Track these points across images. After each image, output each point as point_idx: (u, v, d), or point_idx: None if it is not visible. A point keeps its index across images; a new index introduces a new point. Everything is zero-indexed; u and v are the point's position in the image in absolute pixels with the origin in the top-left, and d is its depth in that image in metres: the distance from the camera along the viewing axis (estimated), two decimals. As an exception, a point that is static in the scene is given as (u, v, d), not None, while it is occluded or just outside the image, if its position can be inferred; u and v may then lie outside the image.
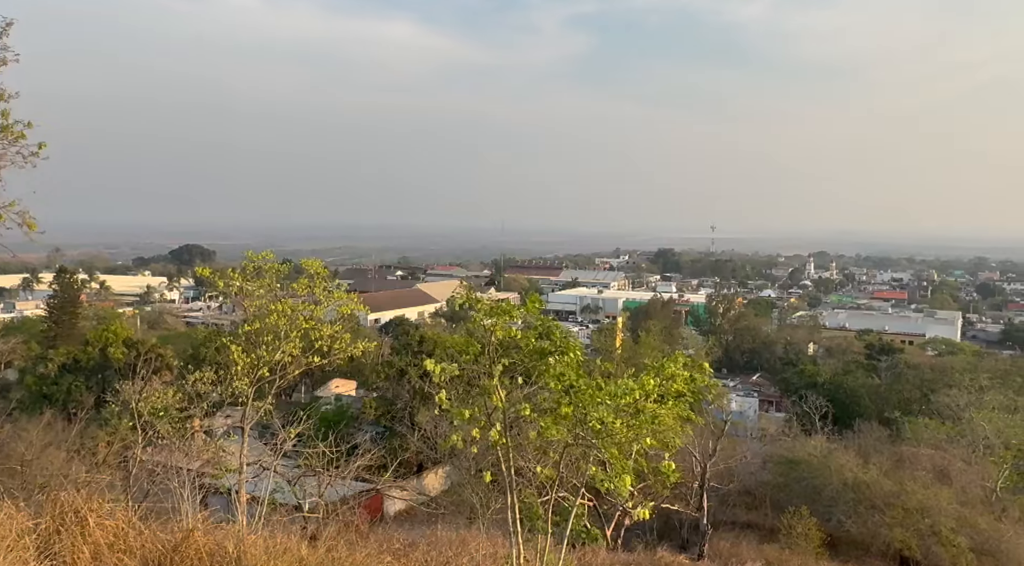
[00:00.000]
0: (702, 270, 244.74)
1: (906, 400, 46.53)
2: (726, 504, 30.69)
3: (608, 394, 8.96)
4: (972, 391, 38.55)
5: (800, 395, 45.33)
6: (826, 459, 29.29)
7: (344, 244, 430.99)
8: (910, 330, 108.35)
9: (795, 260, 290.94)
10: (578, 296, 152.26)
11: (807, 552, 25.22)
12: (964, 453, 30.83)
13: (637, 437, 9.38)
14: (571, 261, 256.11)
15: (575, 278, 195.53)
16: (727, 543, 26.00)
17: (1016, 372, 51.46)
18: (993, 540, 25.17)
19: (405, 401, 38.17)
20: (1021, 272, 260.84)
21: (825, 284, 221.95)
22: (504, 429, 9.01)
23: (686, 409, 11.04)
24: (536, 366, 9.80)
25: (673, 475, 10.05)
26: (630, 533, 24.95)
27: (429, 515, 23.98)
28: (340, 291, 16.52)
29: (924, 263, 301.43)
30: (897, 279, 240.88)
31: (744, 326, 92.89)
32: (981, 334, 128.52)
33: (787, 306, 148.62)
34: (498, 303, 9.94)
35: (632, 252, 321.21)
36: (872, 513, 26.21)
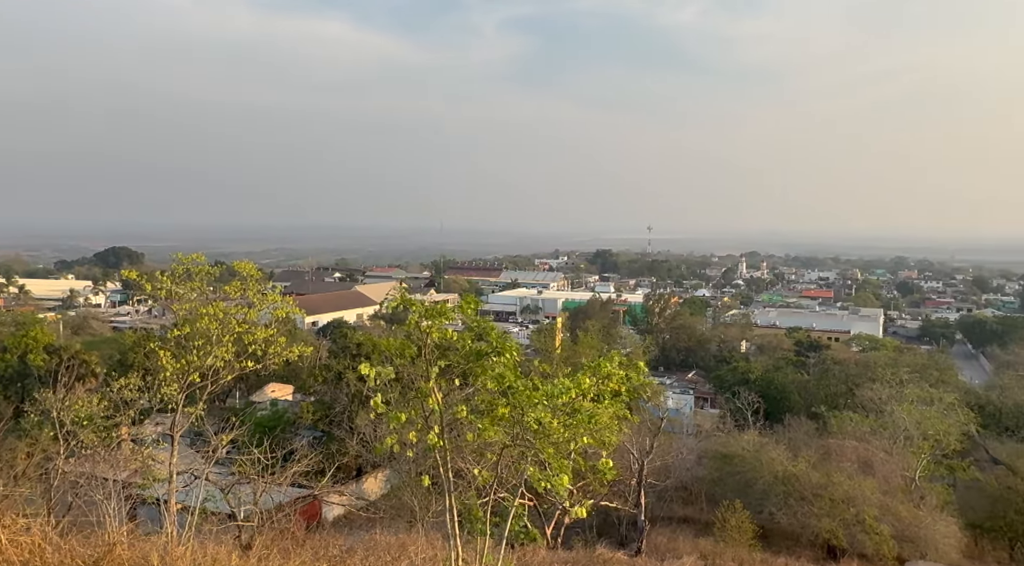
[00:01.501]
0: (639, 270, 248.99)
1: (833, 395, 48.17)
2: (663, 500, 31.28)
3: (545, 394, 9.04)
4: (893, 385, 40.23)
5: (733, 392, 46.50)
6: (758, 453, 30.08)
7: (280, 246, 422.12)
8: (836, 327, 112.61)
9: (728, 260, 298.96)
10: (518, 297, 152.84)
11: (740, 544, 25.91)
12: (886, 444, 32.11)
13: (574, 436, 9.50)
14: (511, 262, 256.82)
15: (515, 279, 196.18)
16: (664, 538, 26.51)
17: (932, 366, 53.99)
18: (913, 527, 26.34)
19: (343, 405, 37.63)
20: (937, 271, 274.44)
21: (756, 283, 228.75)
22: (441, 431, 8.99)
23: (622, 407, 11.22)
24: (473, 367, 9.82)
25: (610, 473, 10.21)
26: (570, 531, 25.18)
27: (368, 519, 23.72)
28: (275, 293, 16.20)
29: (849, 262, 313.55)
30: (824, 278, 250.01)
31: (680, 325, 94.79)
32: (901, 330, 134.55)
33: (721, 305, 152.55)
34: (435, 305, 9.92)
35: (571, 253, 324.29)
36: (801, 504, 27.06)
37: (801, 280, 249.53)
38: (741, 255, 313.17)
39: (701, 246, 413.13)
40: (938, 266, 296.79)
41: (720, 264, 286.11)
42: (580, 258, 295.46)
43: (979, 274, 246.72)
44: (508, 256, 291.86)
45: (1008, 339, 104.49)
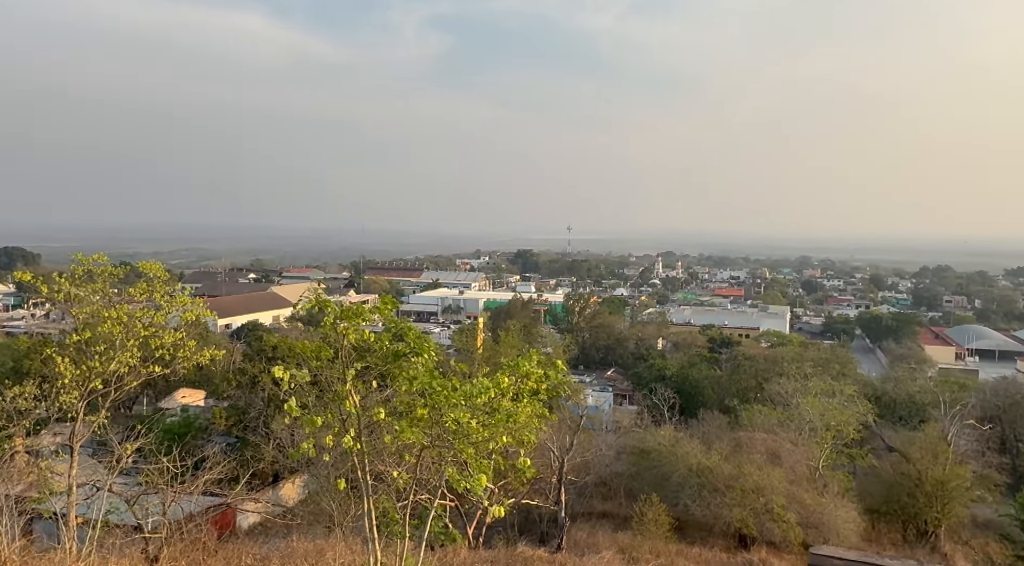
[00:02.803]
0: (559, 270, 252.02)
1: (743, 389, 49.94)
2: (583, 496, 31.77)
3: (464, 394, 9.04)
4: (799, 379, 42.11)
5: (650, 388, 47.64)
6: (674, 448, 30.90)
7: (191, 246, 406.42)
8: (746, 324, 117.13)
9: (645, 260, 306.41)
10: (439, 297, 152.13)
11: (657, 537, 26.60)
12: (792, 436, 33.57)
13: (493, 436, 9.53)
14: (432, 262, 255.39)
15: (436, 279, 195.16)
16: (584, 533, 26.93)
17: (834, 360, 56.82)
18: (817, 514, 27.67)
19: (259, 409, 36.54)
20: (838, 270, 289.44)
21: (672, 282, 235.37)
22: (358, 435, 8.87)
23: (541, 406, 11.34)
24: (392, 369, 9.72)
25: (530, 471, 10.31)
26: (492, 530, 25.26)
27: (285, 526, 23.12)
28: (184, 295, 15.59)
29: (758, 262, 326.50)
30: (735, 277, 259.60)
31: (599, 324, 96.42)
32: (806, 326, 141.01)
33: (638, 304, 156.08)
34: (352, 306, 9.76)
35: (493, 253, 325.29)
36: (715, 496, 27.98)
37: (714, 279, 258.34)
38: (658, 255, 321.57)
39: (619, 246, 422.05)
40: (839, 265, 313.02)
41: (638, 264, 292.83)
42: (502, 258, 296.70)
43: (876, 273, 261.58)
44: (430, 256, 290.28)
45: (901, 334, 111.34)
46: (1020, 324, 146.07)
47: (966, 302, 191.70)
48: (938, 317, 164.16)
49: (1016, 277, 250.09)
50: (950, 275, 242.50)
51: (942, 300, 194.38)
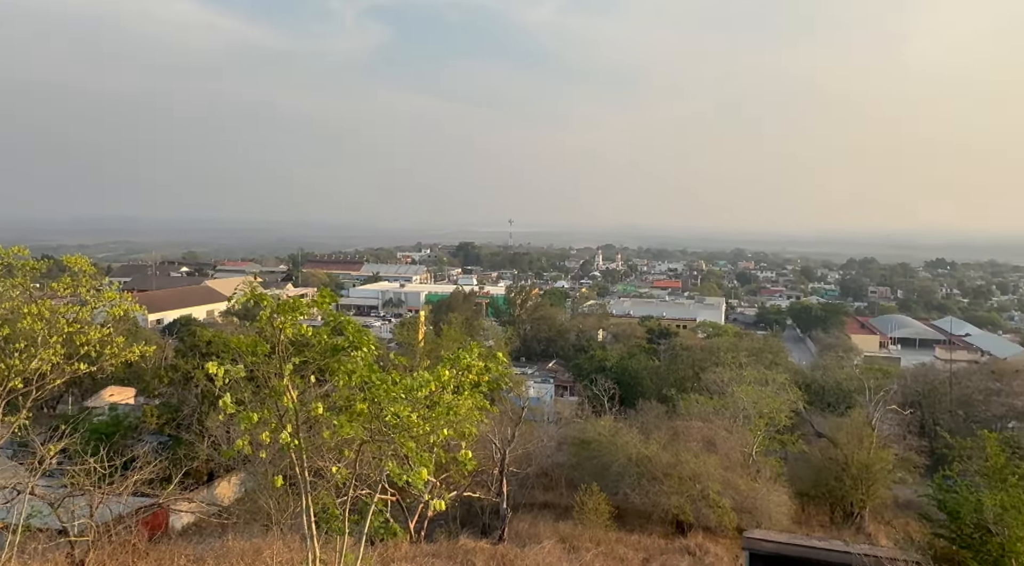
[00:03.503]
0: (501, 263, 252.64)
1: (681, 379, 51.06)
2: (525, 487, 31.97)
3: (404, 388, 8.98)
4: (734, 368, 43.31)
5: (591, 379, 48.17)
6: (614, 437, 31.36)
7: (119, 239, 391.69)
8: (684, 315, 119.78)
9: (586, 252, 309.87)
10: (380, 290, 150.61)
11: (597, 525, 26.99)
12: (727, 423, 34.50)
13: (434, 429, 9.50)
14: (373, 255, 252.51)
15: (377, 272, 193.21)
16: (526, 524, 27.11)
17: (767, 350, 58.67)
18: (750, 499, 28.53)
19: (193, 407, 35.53)
20: (771, 262, 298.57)
21: (612, 275, 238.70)
22: (296, 430, 8.71)
23: (482, 399, 11.35)
24: (330, 363, 9.58)
25: (471, 464, 10.31)
26: (433, 524, 25.19)
27: (221, 526, 22.56)
28: (112, 290, 15.00)
29: (695, 255, 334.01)
30: (673, 269, 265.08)
31: (541, 316, 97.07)
32: (741, 317, 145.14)
33: (579, 296, 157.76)
34: (289, 299, 9.57)
35: (434, 246, 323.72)
36: (653, 484, 28.54)
37: (653, 271, 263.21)
38: (598, 248, 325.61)
39: (560, 239, 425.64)
40: (772, 258, 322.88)
41: (578, 256, 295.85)
42: (443, 251, 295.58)
43: (806, 265, 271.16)
44: (370, 249, 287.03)
45: (830, 324, 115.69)
46: (939, 313, 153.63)
47: (889, 293, 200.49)
48: (864, 307, 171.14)
49: (934, 269, 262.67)
50: (875, 267, 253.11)
51: (867, 291, 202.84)
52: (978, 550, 18.96)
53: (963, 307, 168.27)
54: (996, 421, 50.86)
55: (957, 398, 53.55)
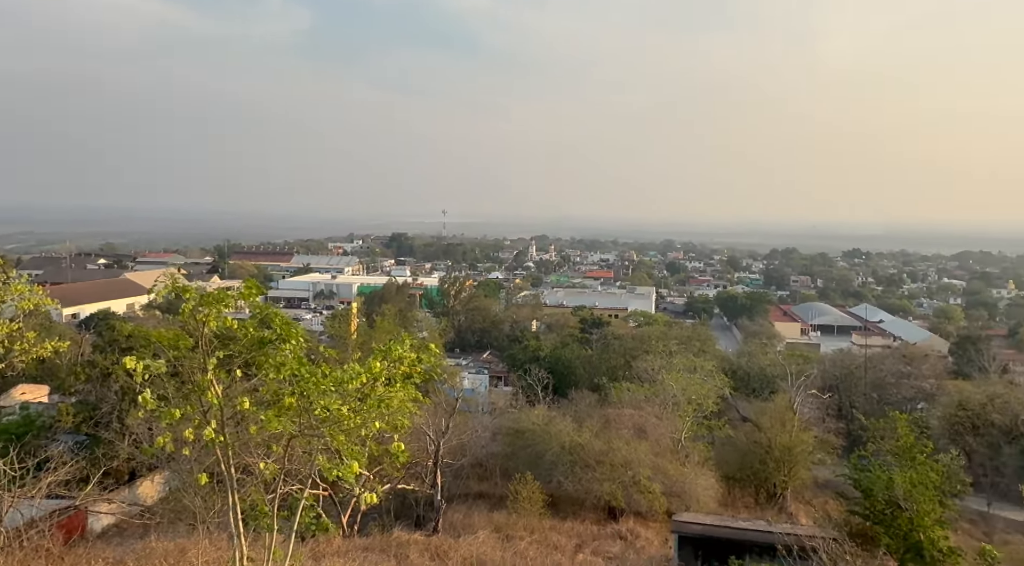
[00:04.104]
0: (435, 254, 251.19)
1: (613, 367, 51.85)
2: (460, 477, 31.97)
3: (334, 381, 8.83)
4: (663, 356, 44.29)
5: (525, 369, 48.45)
6: (547, 427, 31.65)
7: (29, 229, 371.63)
8: (615, 305, 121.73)
9: (519, 243, 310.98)
10: (311, 282, 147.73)
11: (532, 514, 27.24)
12: (657, 410, 35.29)
13: (365, 422, 9.38)
14: (303, 246, 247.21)
15: (307, 264, 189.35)
16: (460, 515, 27.14)
17: (695, 338, 60.18)
18: (679, 483, 29.29)
19: (112, 404, 34.06)
20: (699, 252, 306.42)
21: (546, 265, 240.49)
22: (221, 426, 8.46)
23: (415, 390, 11.27)
24: (257, 357, 9.33)
25: (403, 456, 10.24)
26: (367, 517, 24.94)
27: (143, 526, 21.77)
28: (20, 283, 14.22)
29: (626, 245, 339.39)
30: (605, 259, 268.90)
31: (475, 307, 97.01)
32: (670, 306, 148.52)
33: (513, 286, 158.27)
34: (214, 291, 9.26)
35: (366, 237, 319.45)
36: (586, 471, 28.97)
37: (585, 262, 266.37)
38: (532, 239, 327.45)
39: (494, 230, 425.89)
40: (700, 248, 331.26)
41: (512, 247, 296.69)
42: (376, 242, 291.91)
43: (732, 255, 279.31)
44: (300, 240, 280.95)
45: (754, 312, 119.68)
46: (855, 301, 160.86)
47: (810, 281, 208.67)
48: (786, 295, 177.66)
49: (851, 258, 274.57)
50: (796, 257, 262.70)
51: (789, 280, 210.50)
52: (889, 525, 20.01)
53: (877, 295, 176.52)
54: (907, 403, 53.74)
55: (872, 381, 56.30)
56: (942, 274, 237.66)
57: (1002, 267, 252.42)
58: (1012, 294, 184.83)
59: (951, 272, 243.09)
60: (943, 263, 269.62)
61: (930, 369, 59.75)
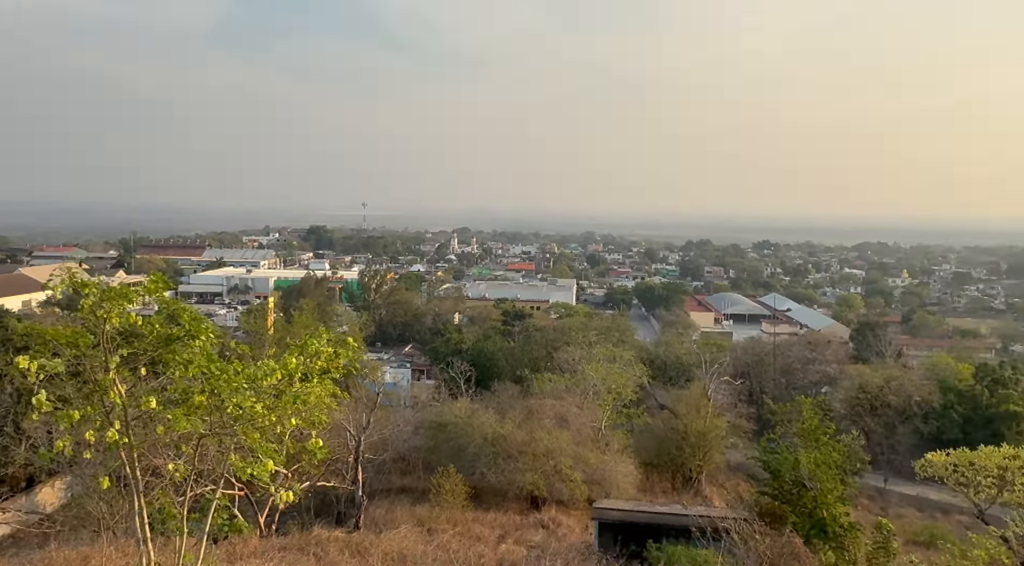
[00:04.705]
0: (354, 247, 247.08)
1: (535, 359, 52.40)
2: (382, 472, 31.65)
3: (247, 377, 8.56)
4: (584, 347, 45.06)
5: (447, 362, 48.34)
6: (470, 419, 31.73)
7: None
8: (537, 297, 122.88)
9: (441, 236, 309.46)
10: (225, 276, 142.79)
11: (455, 506, 27.25)
12: (578, 400, 35.88)
13: (281, 419, 9.15)
14: (216, 240, 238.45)
15: (221, 258, 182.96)
16: (382, 510, 26.89)
17: (615, 328, 61.45)
18: (600, 470, 29.89)
19: (7, 407, 32.01)
20: (618, 245, 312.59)
21: (468, 258, 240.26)
22: (125, 427, 8.07)
23: (332, 386, 11.06)
24: (164, 354, 8.95)
25: (321, 452, 10.04)
26: (286, 516, 24.37)
27: (43, 535, 20.59)
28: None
29: (547, 238, 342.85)
30: (526, 252, 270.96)
31: (396, 300, 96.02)
32: (591, 298, 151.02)
33: (435, 279, 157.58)
34: (118, 287, 8.81)
35: (283, 230, 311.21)
36: (508, 462, 29.20)
37: (507, 254, 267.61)
38: (453, 231, 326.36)
39: (415, 223, 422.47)
40: (619, 240, 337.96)
41: (434, 240, 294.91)
42: (293, 235, 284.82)
43: (650, 247, 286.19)
44: (213, 233, 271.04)
45: (671, 302, 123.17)
46: (764, 291, 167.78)
47: (723, 272, 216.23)
48: (701, 286, 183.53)
49: (761, 250, 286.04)
50: (710, 248, 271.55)
51: (704, 271, 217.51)
52: (796, 504, 21.02)
53: (785, 284, 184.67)
54: (812, 387, 56.58)
55: (780, 367, 58.94)
56: (844, 264, 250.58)
57: (897, 257, 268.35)
58: (906, 283, 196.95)
59: (852, 262, 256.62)
60: (844, 254, 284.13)
61: (833, 355, 63.04)
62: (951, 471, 23.04)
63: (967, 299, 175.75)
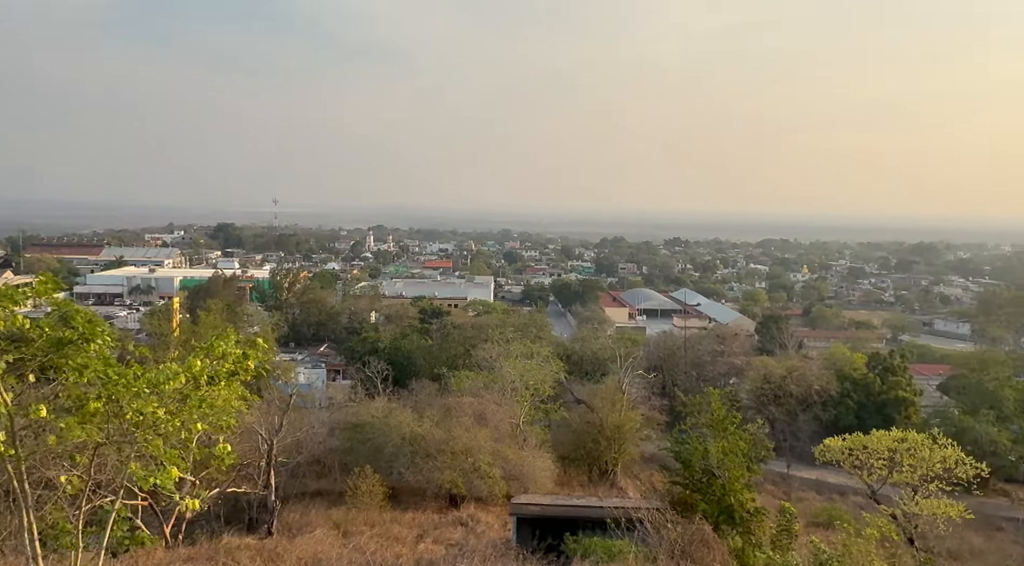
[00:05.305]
0: (266, 245, 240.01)
1: (453, 356, 52.28)
2: (296, 476, 30.85)
3: (148, 382, 8.16)
4: (502, 343, 45.24)
5: (364, 361, 47.63)
6: (387, 418, 31.33)
7: None
8: (455, 294, 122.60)
9: (356, 233, 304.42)
10: (126, 276, 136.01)
11: (372, 507, 26.88)
12: (496, 397, 36.00)
13: (186, 424, 8.78)
14: (116, 238, 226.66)
15: (121, 256, 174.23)
16: (297, 514, 26.23)
17: (532, 325, 62.03)
18: (518, 466, 30.09)
19: None
20: (535, 241, 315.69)
21: (384, 256, 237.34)
22: (11, 438, 7.55)
23: (241, 388, 10.71)
24: (55, 359, 8.42)
25: (230, 458, 9.72)
26: (195, 525, 23.41)
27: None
28: None
29: (465, 235, 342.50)
30: (444, 249, 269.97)
31: (310, 299, 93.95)
32: (508, 295, 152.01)
33: (350, 278, 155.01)
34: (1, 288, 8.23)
35: (189, 227, 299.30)
36: (427, 461, 29.01)
37: (424, 252, 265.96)
38: (369, 229, 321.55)
39: (330, 220, 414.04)
40: (536, 237, 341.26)
41: (349, 237, 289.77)
42: (199, 233, 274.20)
43: (566, 244, 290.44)
44: (112, 231, 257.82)
45: (587, 298, 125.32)
46: (675, 286, 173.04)
47: (636, 268, 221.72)
48: (615, 282, 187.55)
49: (672, 246, 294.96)
50: (624, 245, 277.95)
51: (618, 267, 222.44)
52: (705, 492, 21.81)
53: (695, 280, 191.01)
54: (721, 378, 58.81)
55: (691, 360, 60.93)
56: (749, 260, 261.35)
57: (797, 253, 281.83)
58: (806, 278, 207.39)
59: (756, 258, 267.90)
60: (750, 250, 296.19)
61: (740, 347, 65.73)
62: (847, 455, 24.45)
63: (861, 292, 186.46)
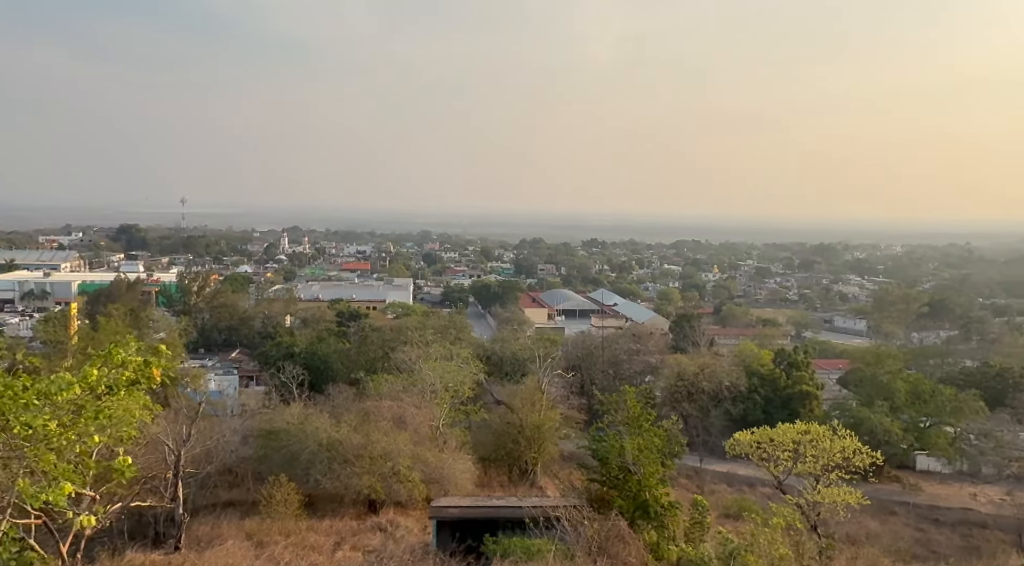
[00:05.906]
0: (173, 247, 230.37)
1: (371, 359, 51.53)
2: (206, 487, 29.67)
3: (38, 393, 7.67)
4: (421, 346, 44.91)
5: (279, 366, 46.32)
6: (303, 425, 30.55)
7: None
8: (373, 297, 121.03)
9: (270, 235, 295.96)
10: (17, 280, 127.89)
11: (287, 516, 26.14)
12: (416, 399, 35.67)
13: (81, 437, 8.30)
14: (5, 239, 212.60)
15: (12, 259, 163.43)
16: (207, 527, 25.24)
17: (452, 326, 61.90)
18: (438, 469, 29.88)
19: None
20: (455, 243, 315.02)
21: (299, 258, 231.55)
22: None
23: (144, 397, 10.23)
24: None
25: (130, 470, 9.25)
26: (96, 542, 22.16)
27: None
28: None
29: (383, 236, 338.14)
30: (362, 251, 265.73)
31: (221, 303, 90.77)
32: (428, 296, 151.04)
33: (264, 281, 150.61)
34: None
35: (88, 229, 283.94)
36: (344, 467, 28.42)
37: (341, 254, 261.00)
38: (283, 230, 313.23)
39: (242, 221, 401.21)
40: (455, 238, 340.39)
41: (262, 239, 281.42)
42: (100, 235, 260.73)
43: (485, 245, 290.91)
44: (0, 232, 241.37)
45: (507, 299, 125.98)
46: (593, 286, 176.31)
47: (555, 269, 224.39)
48: (534, 283, 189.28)
49: (590, 248, 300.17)
50: (542, 246, 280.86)
51: (537, 268, 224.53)
52: (622, 488, 22.28)
53: (611, 280, 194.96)
54: (637, 376, 60.24)
55: (608, 359, 62.15)
56: (663, 261, 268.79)
57: (708, 254, 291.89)
58: (716, 277, 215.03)
59: (670, 259, 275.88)
60: (664, 251, 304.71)
61: (655, 346, 67.47)
62: (755, 448, 25.49)
63: (767, 291, 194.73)
